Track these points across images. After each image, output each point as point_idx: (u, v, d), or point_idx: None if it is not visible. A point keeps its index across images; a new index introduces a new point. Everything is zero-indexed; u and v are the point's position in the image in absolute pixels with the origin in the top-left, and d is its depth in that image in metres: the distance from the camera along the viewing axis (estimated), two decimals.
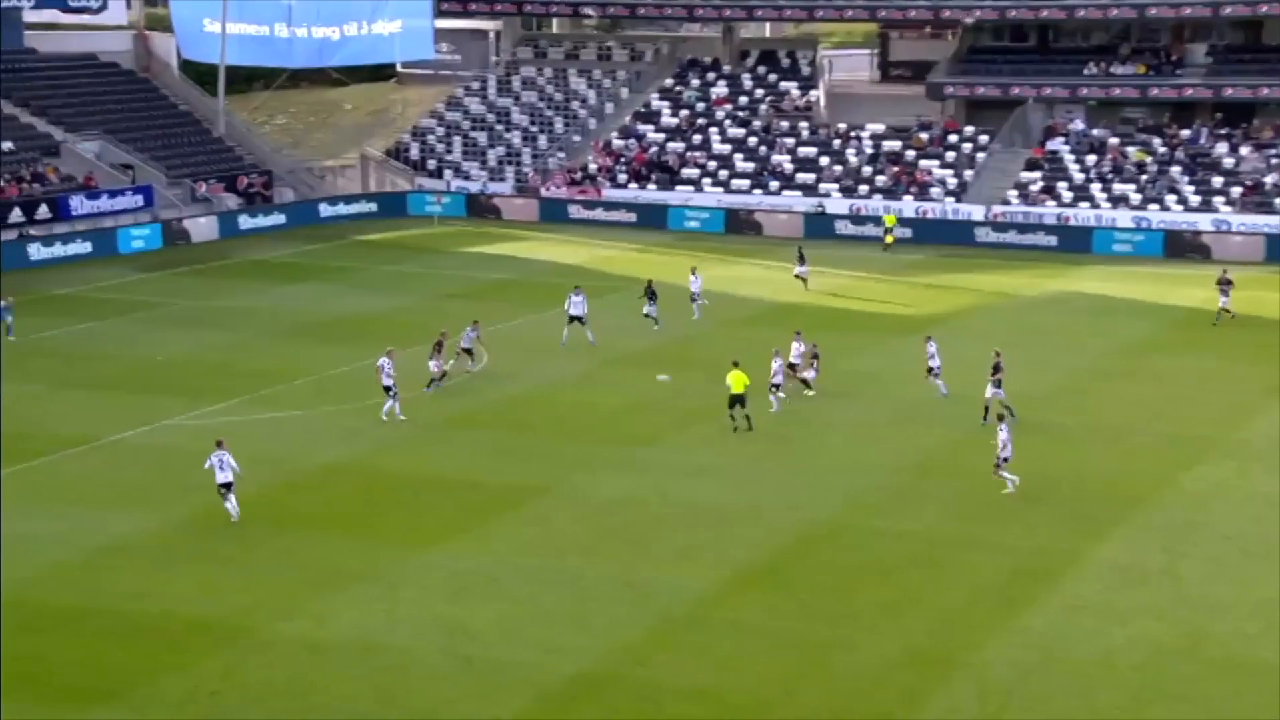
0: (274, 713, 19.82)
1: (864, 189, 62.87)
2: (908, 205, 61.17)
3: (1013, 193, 60.74)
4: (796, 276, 48.99)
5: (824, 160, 64.86)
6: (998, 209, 59.86)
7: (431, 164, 68.40)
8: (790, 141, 66.24)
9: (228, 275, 50.98)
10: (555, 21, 79.43)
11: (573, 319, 40.00)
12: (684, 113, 68.99)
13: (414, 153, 69.03)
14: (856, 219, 60.59)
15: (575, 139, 68.91)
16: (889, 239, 58.14)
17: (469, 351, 36.90)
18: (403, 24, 70.15)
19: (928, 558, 25.49)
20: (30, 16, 64.52)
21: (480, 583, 24.04)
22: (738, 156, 65.98)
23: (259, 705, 19.96)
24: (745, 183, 64.44)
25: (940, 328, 43.97)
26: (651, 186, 64.96)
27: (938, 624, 22.87)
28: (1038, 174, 61.45)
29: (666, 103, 70.02)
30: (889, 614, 23.22)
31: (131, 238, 54.89)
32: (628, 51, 74.33)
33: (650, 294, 43.04)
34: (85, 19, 65.73)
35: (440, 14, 72.87)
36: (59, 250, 52.08)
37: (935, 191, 61.89)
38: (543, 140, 69.21)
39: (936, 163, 63.54)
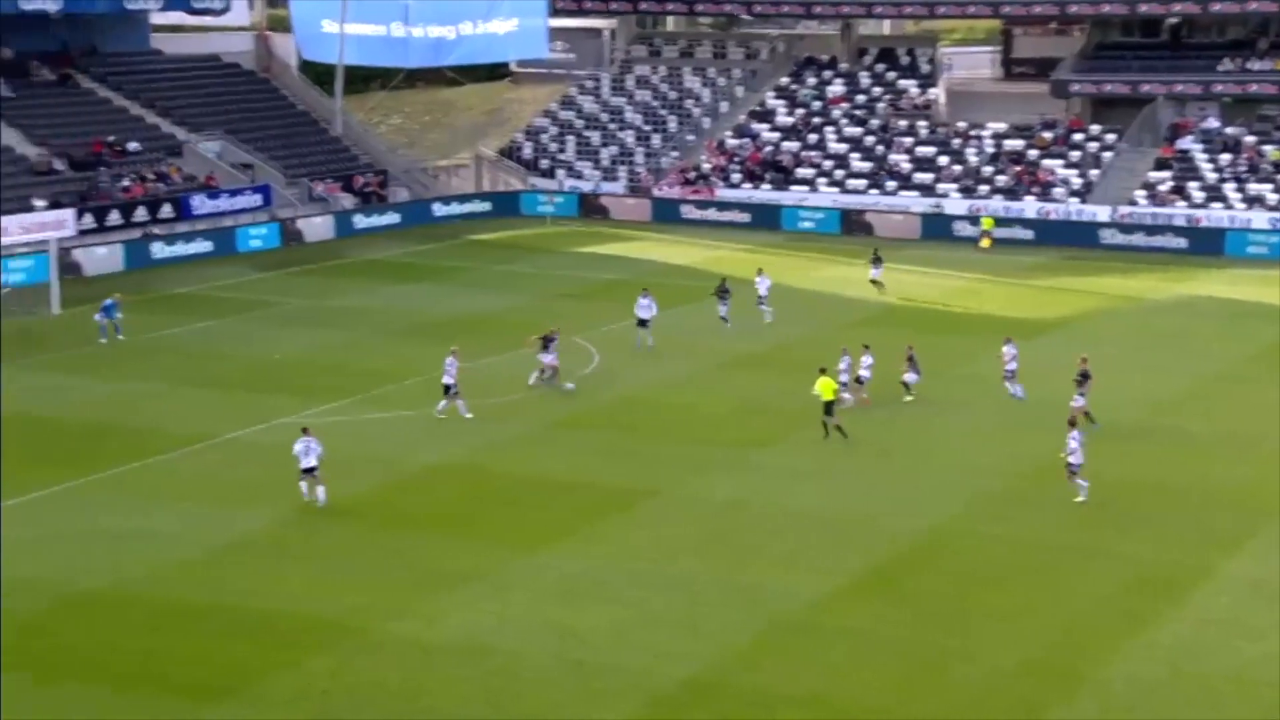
0: (384, 713, 20.03)
1: (984, 189, 61.90)
2: (1029, 206, 60.10)
3: (1140, 193, 59.34)
4: (872, 281, 48.06)
5: (942, 160, 64.00)
6: (1124, 210, 58.52)
7: (544, 163, 68.85)
8: (908, 141, 65.47)
9: (342, 274, 51.81)
10: (670, 20, 79.47)
11: (641, 322, 39.60)
12: (800, 111, 68.58)
13: (527, 152, 69.55)
14: (975, 220, 59.67)
15: (689, 138, 68.86)
16: (985, 241, 57.29)
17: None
18: (518, 23, 70.69)
19: (1047, 566, 24.98)
20: (157, 19, 66.24)
21: (590, 585, 24.07)
22: (854, 156, 65.39)
23: (369, 705, 20.18)
24: (861, 183, 63.84)
25: (1063, 332, 43.13)
26: (765, 186, 64.67)
27: (1057, 635, 22.38)
28: (1167, 174, 59.96)
29: (782, 101, 69.66)
30: (1006, 623, 22.79)
31: (250, 237, 56.06)
32: (743, 50, 74.09)
33: (722, 293, 42.56)
34: (209, 20, 67.30)
35: (555, 13, 73.32)
36: (180, 249, 53.37)
37: (1058, 192, 60.70)
38: (656, 139, 69.28)
39: (1060, 162, 62.32)
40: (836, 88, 69.75)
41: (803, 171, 65.06)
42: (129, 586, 23.71)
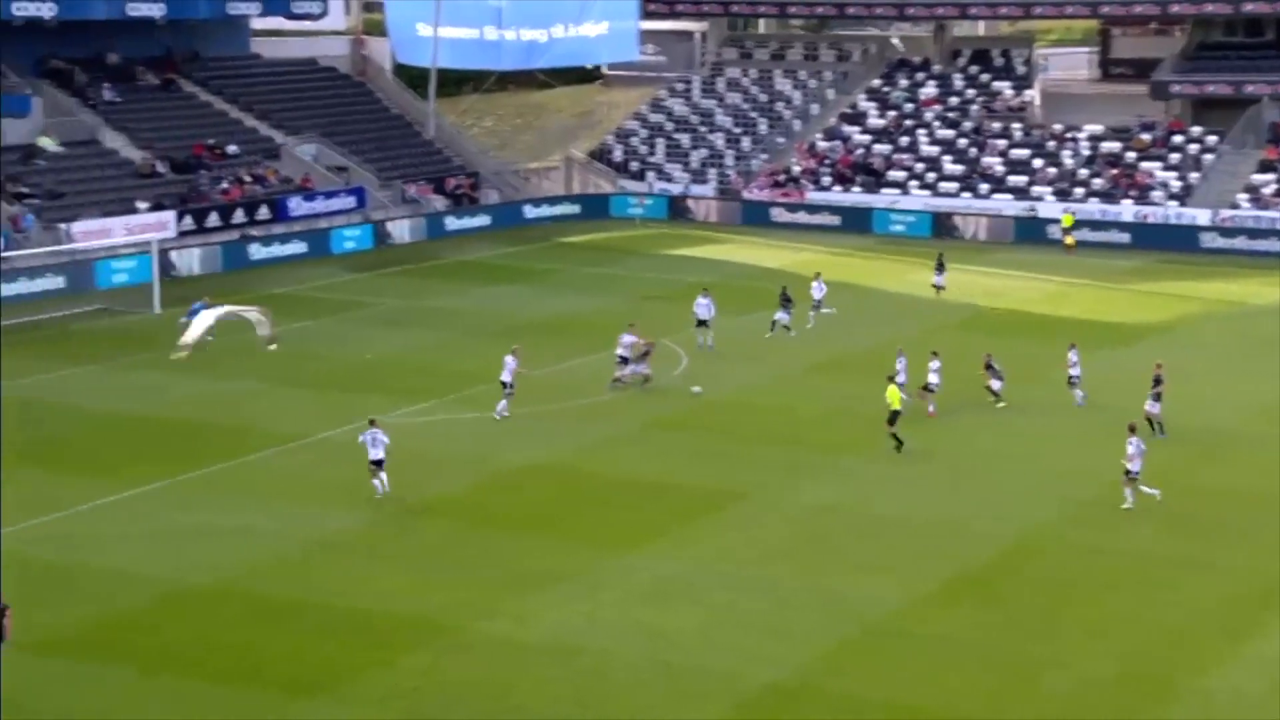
0: (474, 712, 20.27)
1: (1079, 192, 61.06)
2: (1126, 209, 59.17)
3: (1243, 196, 58.16)
4: (934, 286, 47.43)
5: (1037, 162, 63.24)
6: (1225, 213, 57.39)
7: (634, 166, 69.09)
8: (1002, 143, 64.78)
9: (434, 276, 52.42)
10: (762, 22, 79.34)
11: (701, 323, 39.47)
12: (891, 114, 68.14)
13: (617, 154, 69.84)
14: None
15: (779, 141, 68.72)
16: (1069, 240, 56.55)
17: (624, 360, 36.67)
18: (609, 26, 71.01)
19: (1145, 576, 24.64)
20: (256, 24, 67.46)
21: (679, 587, 24.17)
22: (946, 158, 64.84)
23: (460, 704, 20.43)
24: (953, 185, 63.28)
25: (1162, 337, 42.48)
26: (856, 189, 64.34)
27: (1154, 645, 22.07)
28: (1272, 176, 58.69)
29: (873, 103, 69.26)
30: (1101, 633, 22.51)
31: (344, 238, 56.91)
32: (835, 52, 73.77)
33: (785, 300, 42.11)
34: (307, 25, 68.41)
35: (646, 15, 73.49)
36: (276, 250, 54.32)
37: (1157, 195, 59.71)
38: (746, 142, 69.23)
39: (1159, 165, 61.29)
40: (929, 89, 69.19)
41: (894, 174, 64.63)
42: (227, 582, 24.22)
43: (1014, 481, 29.53)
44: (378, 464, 27.88)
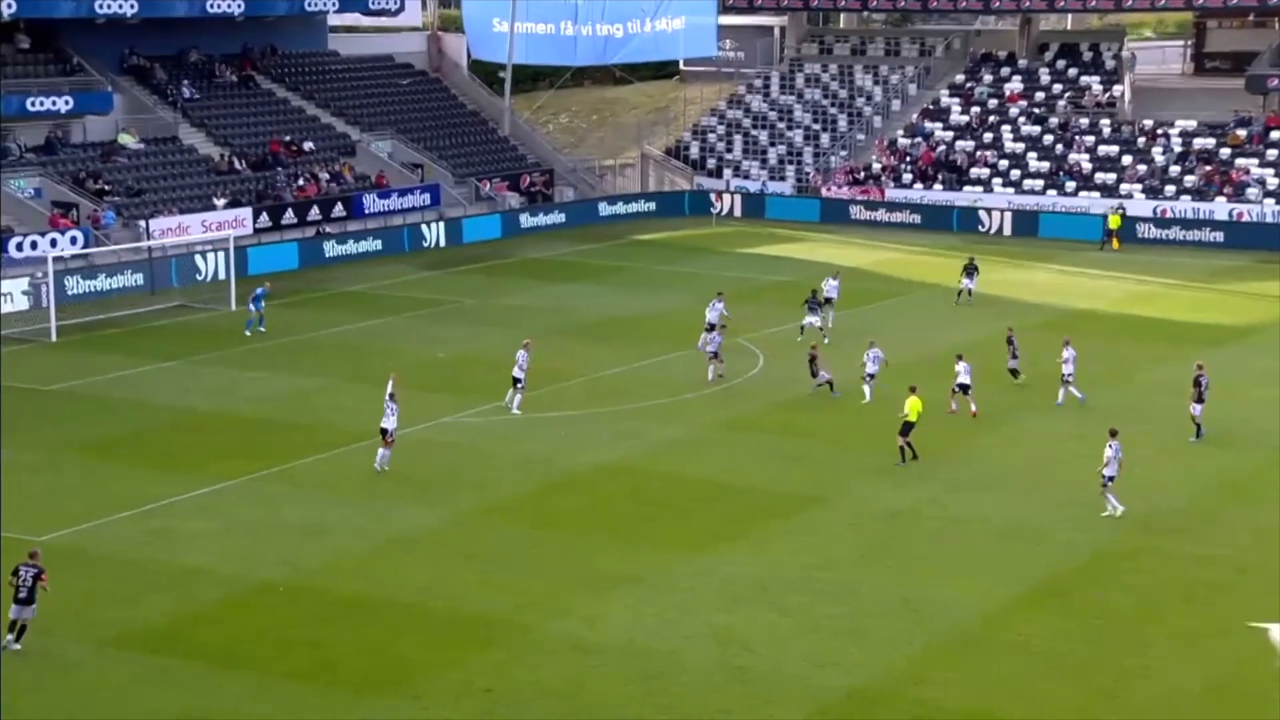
0: (546, 713, 20.38)
1: (1170, 190, 60.11)
2: (1220, 207, 58.17)
3: None
4: (960, 291, 46.57)
5: (1126, 159, 62.35)
6: None
7: (711, 163, 69.04)
8: (1090, 139, 63.94)
9: (508, 274, 52.73)
10: (842, 16, 78.96)
11: (711, 326, 38.85)
12: (975, 109, 67.51)
13: (694, 151, 69.83)
14: (1161, 222, 58.01)
15: (859, 137, 68.35)
16: (1115, 243, 55.52)
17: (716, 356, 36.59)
18: (686, 21, 71.04)
19: (1236, 585, 24.22)
20: (333, 20, 68.26)
21: (752, 591, 24.14)
22: (1031, 155, 64.13)
23: (531, 705, 20.55)
24: (1038, 183, 62.58)
25: (1257, 338, 41.74)
26: (938, 187, 63.84)
27: (1246, 656, 21.69)
28: None
29: (956, 99, 68.66)
30: (1189, 642, 22.17)
31: (419, 236, 57.44)
32: (917, 46, 73.21)
33: (818, 303, 41.58)
34: (383, 21, 69.12)
35: (724, 10, 73.45)
36: (351, 248, 54.92)
37: (1252, 192, 58.63)
38: (825, 139, 68.93)
39: (1255, 161, 60.18)
40: (1014, 84, 68.45)
41: (977, 171, 64.03)
42: (301, 578, 24.54)
43: (1094, 486, 29.12)
44: (384, 433, 29.40)
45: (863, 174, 65.33)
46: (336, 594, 23.99)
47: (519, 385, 33.80)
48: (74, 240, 48.15)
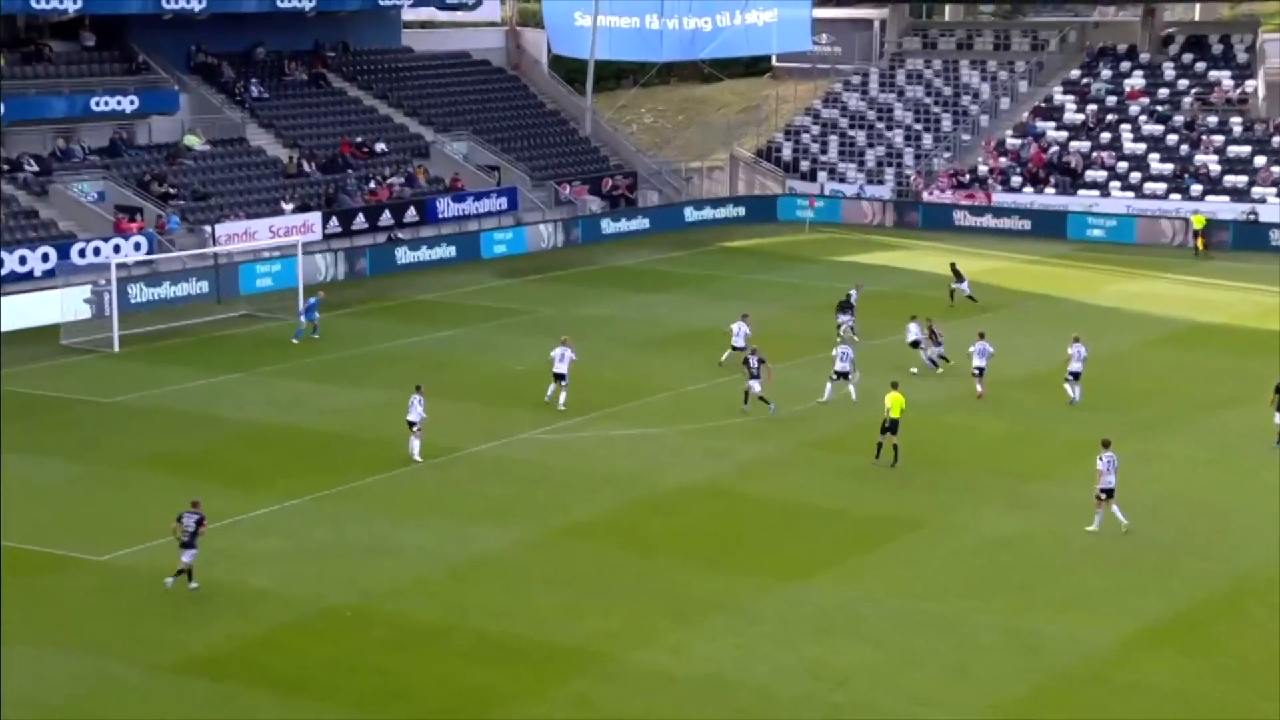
0: None
1: None
2: None
3: None
4: (952, 293, 46.67)
5: (1259, 160, 61.34)
6: None
7: (805, 165, 68.94)
8: (1218, 139, 62.99)
9: (588, 282, 53.00)
10: (948, 8, 78.52)
11: (735, 350, 39.05)
12: (1091, 107, 66.79)
13: (786, 153, 69.78)
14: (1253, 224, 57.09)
15: (964, 138, 67.90)
16: (1200, 243, 54.72)
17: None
18: (779, 13, 71.02)
19: None
20: (408, 15, 69.14)
21: (847, 622, 24.06)
22: (1153, 157, 63.32)
23: None
24: (1160, 186, 61.75)
25: None
26: (1050, 190, 63.23)
27: None
28: None
29: (1071, 96, 67.98)
30: None
31: (494, 241, 57.93)
32: (1029, 40, 72.61)
33: (845, 306, 42.37)
34: (460, 16, 69.86)
35: (820, 2, 73.35)
36: (424, 254, 55.54)
37: None
38: (927, 139, 68.55)
39: None
40: (1135, 80, 67.64)
41: (1093, 174, 63.34)
42: (372, 602, 24.83)
43: (1231, 513, 28.68)
44: (411, 425, 31.27)
45: (968, 177, 64.85)
46: (407, 619, 24.24)
47: (562, 381, 35.45)
48: (138, 246, 49.16)
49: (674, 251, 58.79)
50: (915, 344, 39.04)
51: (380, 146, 60.79)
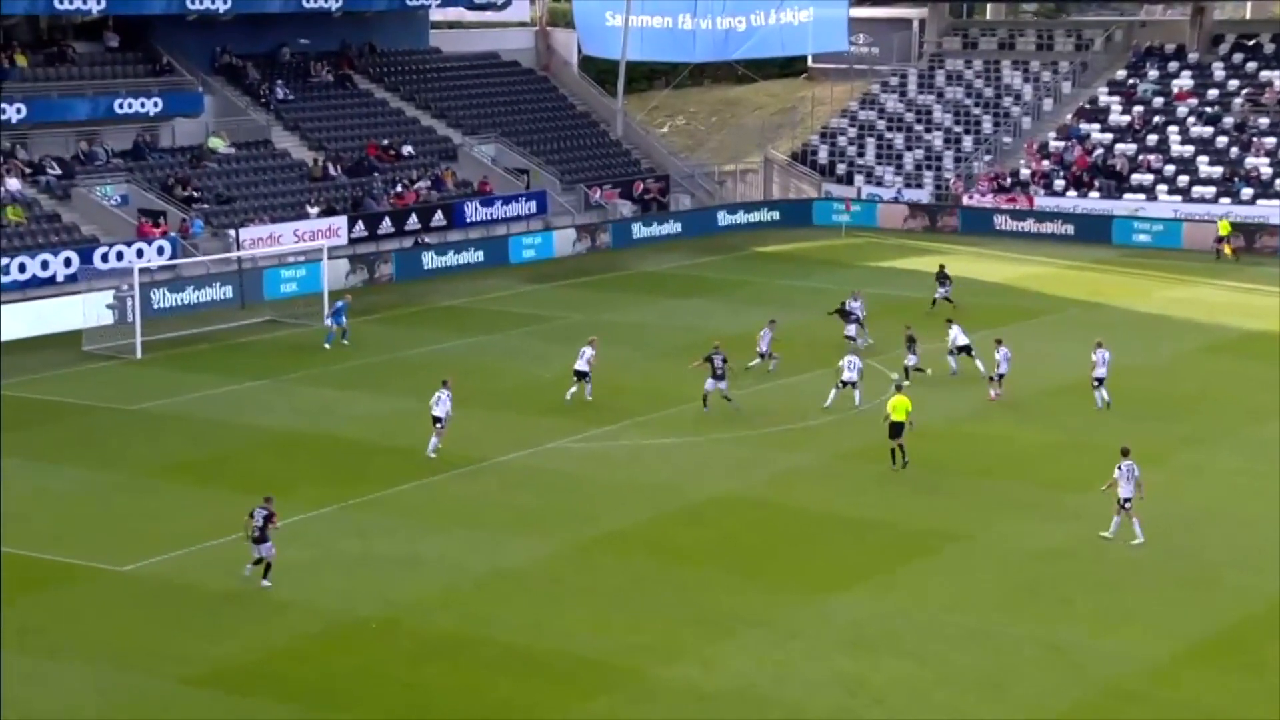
0: None
1: None
2: None
3: None
4: (936, 300, 46.37)
5: None
6: None
7: (841, 168, 68.91)
8: (1270, 141, 62.69)
9: (618, 288, 53.10)
10: (989, 7, 78.37)
11: (762, 356, 39.56)
12: (1138, 109, 66.54)
13: (822, 156, 69.77)
14: None
15: (1005, 140, 67.76)
16: (1228, 249, 54.66)
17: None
18: (814, 13, 71.04)
19: None
20: (436, 15, 69.43)
21: (883, 637, 24.06)
22: (1202, 160, 63.03)
23: None
24: (1209, 190, 61.44)
25: None
26: (1094, 194, 63.01)
27: None
28: None
29: (1116, 97, 67.75)
30: None
31: (523, 246, 58.11)
32: (1073, 39, 72.38)
33: (845, 313, 42.35)
34: (488, 16, 70.12)
35: (857, 2, 73.29)
36: (451, 259, 55.75)
37: None
38: (968, 142, 68.44)
39: None
40: (1183, 81, 67.35)
41: (1139, 177, 63.08)
42: (397, 614, 24.97)
43: (1274, 526, 28.51)
44: (436, 420, 32.39)
45: (1009, 181, 64.69)
46: (434, 631, 24.37)
47: (585, 377, 36.74)
48: (161, 251, 49.54)
49: (706, 256, 58.85)
50: (965, 349, 38.87)
51: (407, 149, 61.09)
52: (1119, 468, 27.84)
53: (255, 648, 23.76)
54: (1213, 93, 66.33)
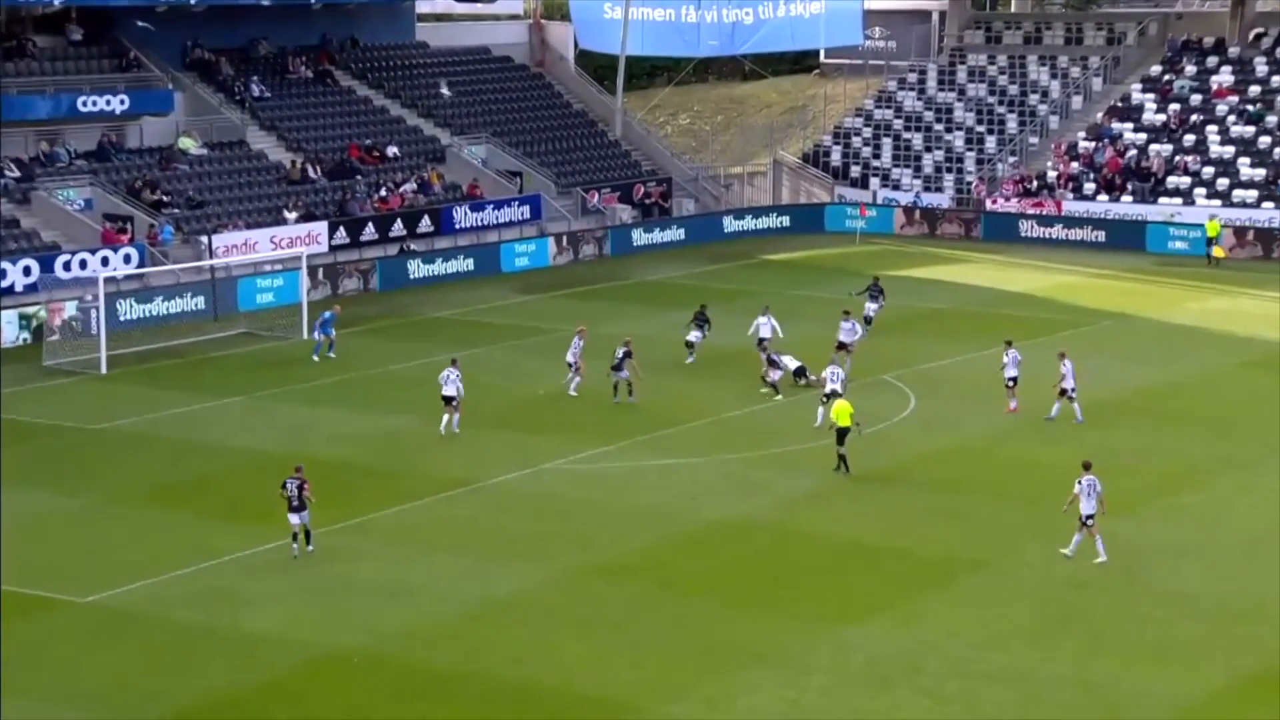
0: None
1: None
2: None
3: None
4: (867, 319, 45.72)
5: None
6: None
7: (855, 171, 69.07)
8: None
9: (618, 298, 53.19)
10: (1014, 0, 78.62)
11: (761, 341, 41.14)
12: (1174, 107, 66.71)
13: (835, 158, 69.94)
14: None
15: (1031, 141, 67.92)
16: (1218, 251, 55.51)
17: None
18: (827, 5, 71.28)
19: None
20: (423, 7, 69.60)
21: (903, 672, 24.08)
22: (1243, 161, 63.18)
23: None
24: (1252, 194, 61.59)
25: None
26: (1127, 198, 63.15)
27: None
28: None
29: (1151, 95, 67.94)
30: None
31: (515, 254, 58.22)
32: (1104, 33, 72.59)
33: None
34: (479, 8, 70.30)
35: None
36: (439, 268, 55.85)
37: None
38: (991, 142, 68.61)
39: None
40: (1223, 77, 67.53)
41: (1175, 180, 63.22)
42: (381, 646, 24.98)
43: None
44: (447, 400, 34.91)
45: (1035, 184, 64.84)
46: (421, 665, 24.38)
47: (574, 368, 38.79)
48: (127, 259, 49.61)
49: (712, 265, 58.95)
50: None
51: (392, 150, 61.21)
52: (1079, 482, 28.14)
53: (228, 684, 23.76)
54: (1255, 89, 66.47)
